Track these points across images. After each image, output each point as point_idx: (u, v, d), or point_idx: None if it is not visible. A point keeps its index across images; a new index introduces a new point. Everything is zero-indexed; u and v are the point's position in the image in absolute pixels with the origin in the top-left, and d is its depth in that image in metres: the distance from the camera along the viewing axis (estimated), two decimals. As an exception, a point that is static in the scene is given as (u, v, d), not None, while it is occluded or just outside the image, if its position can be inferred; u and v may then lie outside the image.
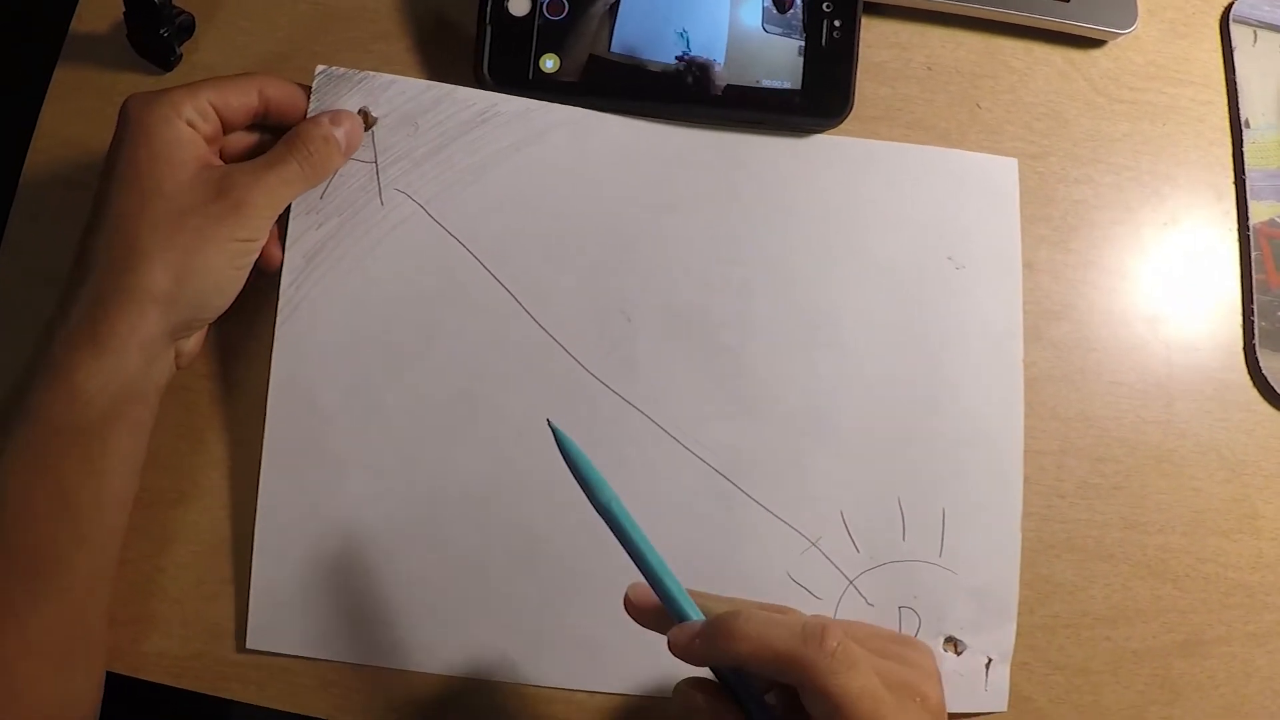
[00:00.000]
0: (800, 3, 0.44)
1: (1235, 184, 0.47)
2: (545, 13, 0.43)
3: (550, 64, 0.43)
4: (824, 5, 0.43)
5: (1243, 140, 0.47)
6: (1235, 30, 0.48)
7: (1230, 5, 0.49)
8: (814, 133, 0.44)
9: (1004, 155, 0.45)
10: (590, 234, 0.42)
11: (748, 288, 0.43)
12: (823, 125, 0.44)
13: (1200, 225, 0.47)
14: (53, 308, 0.35)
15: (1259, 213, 0.47)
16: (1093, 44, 0.48)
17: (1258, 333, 0.45)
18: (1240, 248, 0.47)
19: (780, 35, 0.43)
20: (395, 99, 0.42)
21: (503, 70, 0.43)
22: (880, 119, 0.46)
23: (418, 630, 0.39)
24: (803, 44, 0.43)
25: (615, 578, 0.40)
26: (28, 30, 0.48)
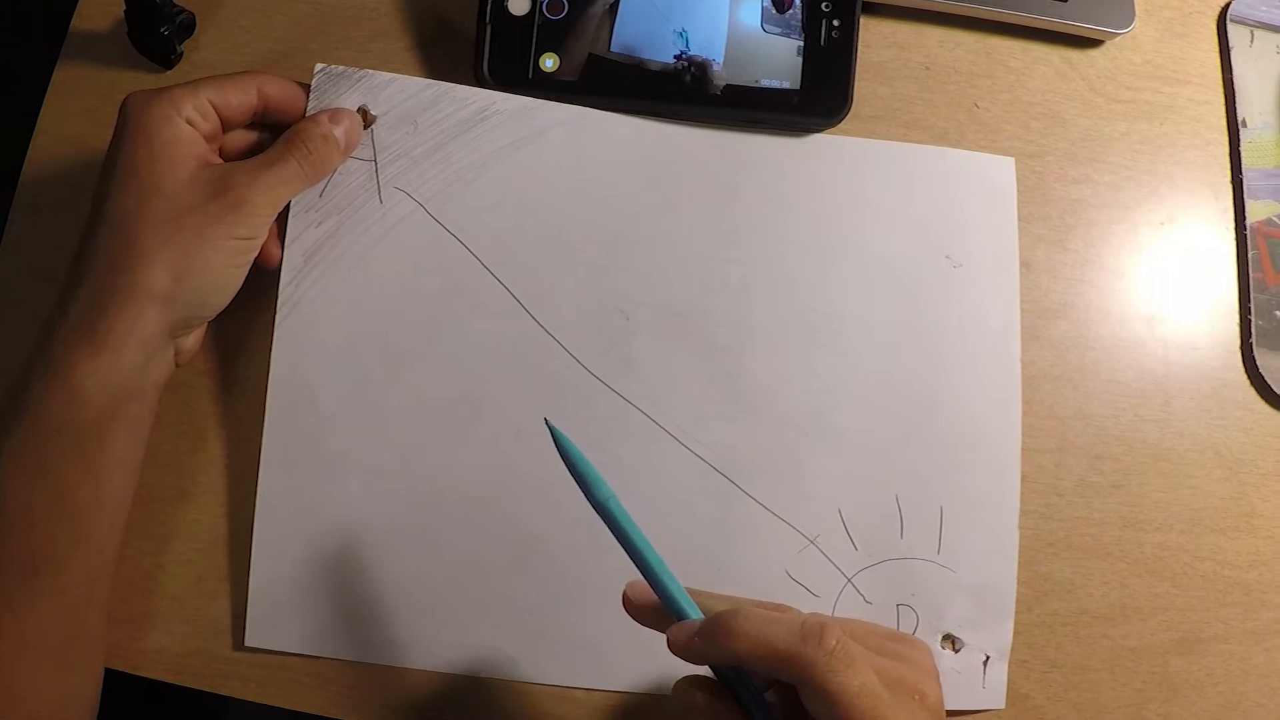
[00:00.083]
0: (799, 3, 0.44)
1: (1232, 183, 0.47)
2: (545, 12, 0.43)
3: (550, 63, 0.43)
4: (823, 5, 0.44)
5: (1240, 140, 0.47)
6: (1232, 30, 0.48)
7: (1227, 5, 0.49)
8: (813, 132, 0.44)
9: (1002, 154, 0.45)
10: (589, 232, 0.43)
11: (746, 286, 0.43)
12: (821, 125, 0.44)
13: (1197, 224, 0.47)
14: (51, 306, 0.35)
15: (1256, 212, 0.47)
16: (1090, 44, 0.48)
17: (1255, 331, 0.45)
18: (1237, 247, 0.47)
19: (779, 35, 0.44)
20: (394, 97, 0.42)
21: (502, 69, 0.43)
22: (878, 118, 0.46)
23: (416, 628, 0.39)
24: (801, 44, 0.44)
25: (614, 576, 0.40)
26: (28, 28, 0.48)
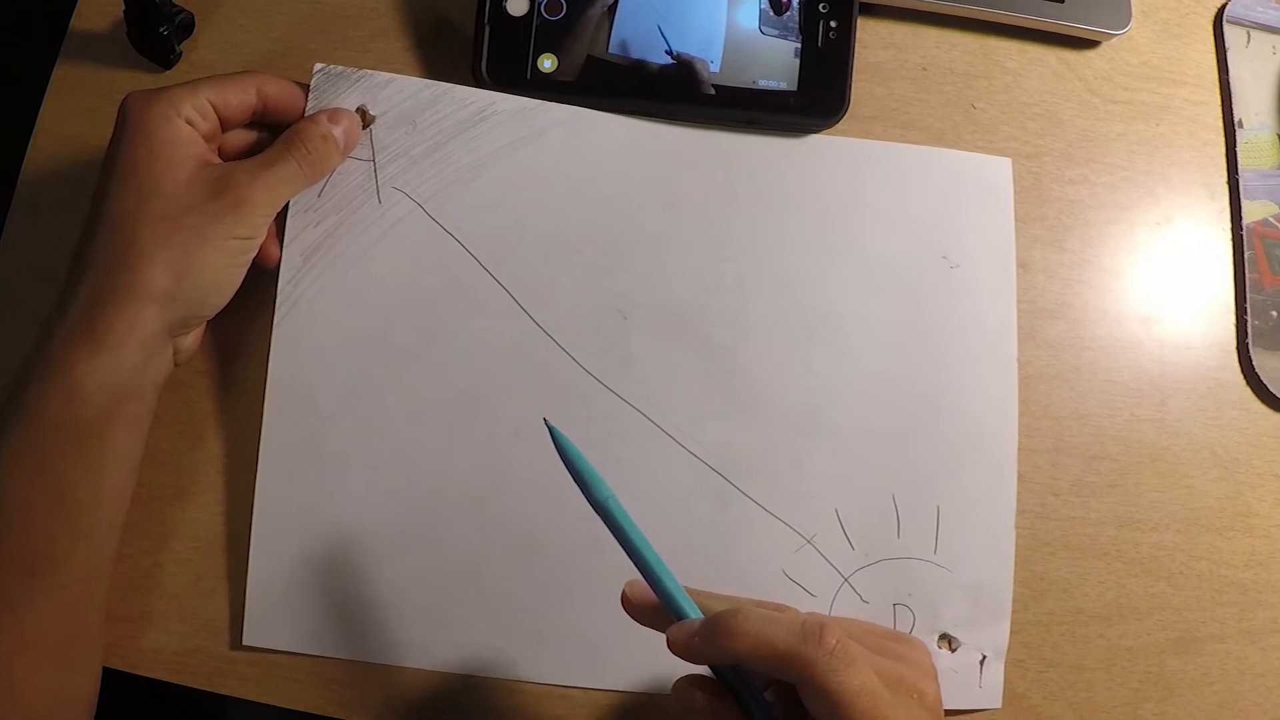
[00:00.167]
0: (796, 4, 0.44)
1: (1229, 184, 0.47)
2: (543, 13, 0.43)
3: (548, 64, 0.43)
4: (820, 6, 0.44)
5: (1236, 140, 0.47)
6: (1229, 31, 0.49)
7: (1224, 6, 0.49)
8: (810, 133, 0.44)
9: (999, 155, 0.45)
10: (587, 232, 0.43)
11: (744, 286, 0.43)
12: (819, 125, 0.44)
13: (1194, 225, 0.47)
14: (51, 305, 0.35)
15: (1252, 212, 0.47)
16: (1087, 44, 0.48)
17: (1251, 331, 0.45)
18: (1233, 247, 0.47)
19: (777, 37, 0.44)
20: (393, 97, 0.42)
21: (501, 70, 0.43)
22: (876, 119, 0.46)
23: (414, 627, 0.40)
24: (799, 45, 0.44)
25: (612, 576, 0.40)
26: (28, 28, 0.48)
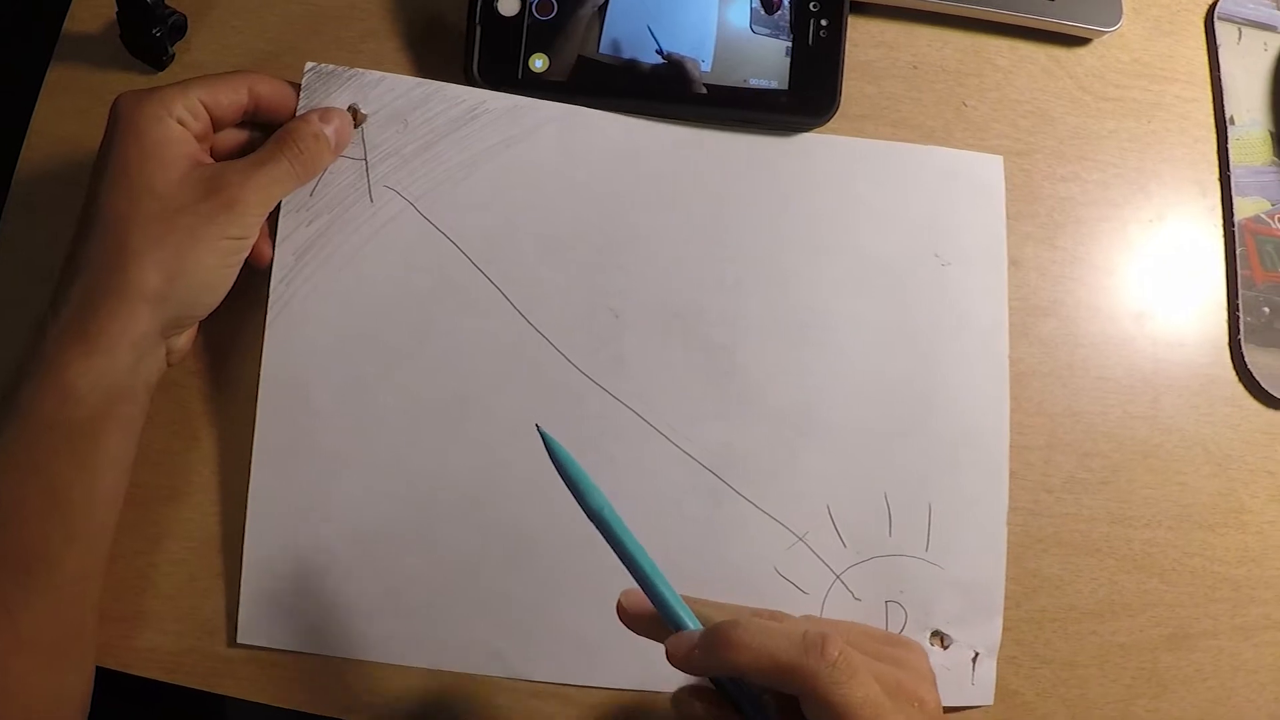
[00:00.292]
0: (787, 3, 0.44)
1: (1220, 180, 0.47)
2: (535, 13, 0.43)
3: (539, 64, 0.43)
4: (810, 5, 0.44)
5: (1227, 137, 0.47)
6: (1220, 27, 0.49)
7: (1215, 3, 0.49)
8: (801, 131, 0.45)
9: (990, 153, 0.46)
10: (580, 231, 0.43)
11: (736, 284, 0.43)
12: (810, 124, 0.44)
13: (1186, 221, 0.47)
14: (45, 305, 0.35)
15: (1244, 209, 0.47)
16: (1078, 42, 0.48)
17: (1243, 328, 0.46)
18: (1225, 244, 0.47)
19: (768, 36, 0.44)
20: (385, 96, 0.42)
21: (492, 70, 0.43)
22: (867, 117, 0.46)
23: (409, 626, 0.40)
24: (790, 44, 0.44)
25: (606, 575, 0.40)
26: (21, 29, 0.48)
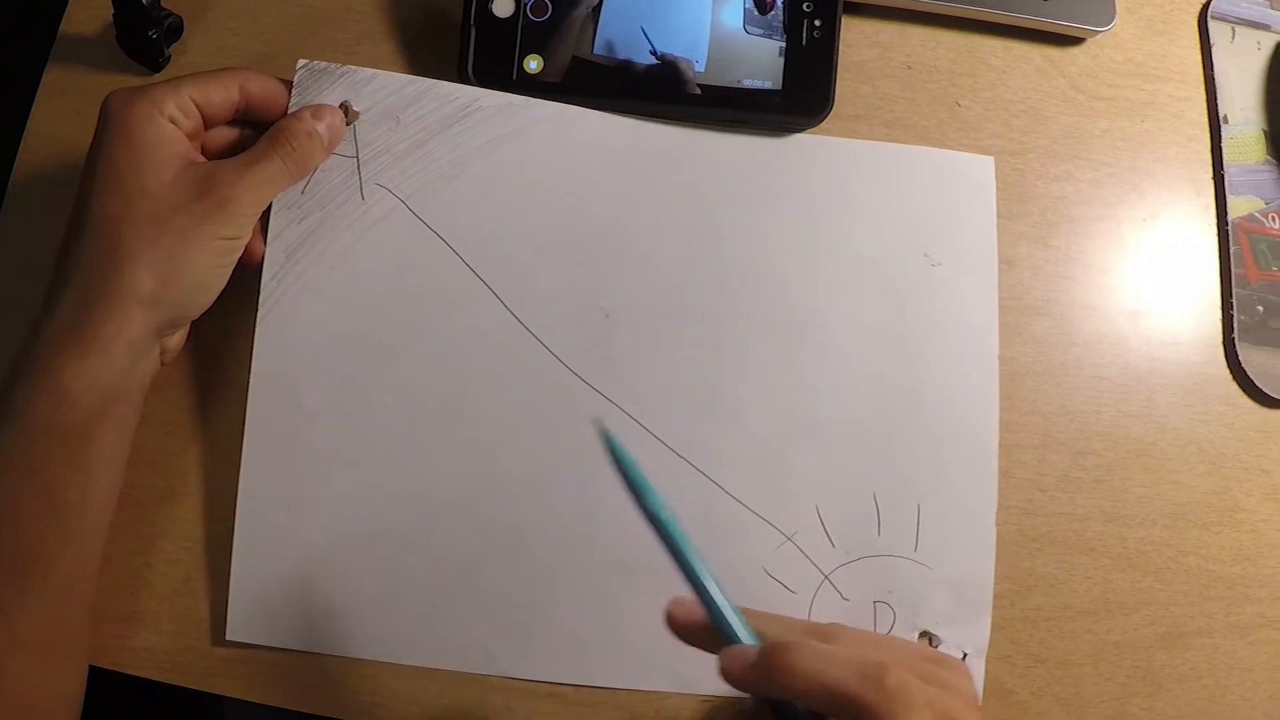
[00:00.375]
0: (781, 4, 0.44)
1: (1214, 179, 0.48)
2: (529, 14, 0.43)
3: (534, 65, 0.43)
4: (804, 6, 0.44)
5: (1221, 136, 0.47)
6: (1213, 26, 0.49)
7: (1208, 2, 0.49)
8: (795, 131, 0.45)
9: (983, 152, 0.46)
10: (571, 230, 0.43)
11: (727, 284, 0.43)
12: (803, 124, 0.44)
13: (1179, 220, 0.47)
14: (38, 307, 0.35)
15: (1237, 208, 0.47)
16: (1071, 41, 0.48)
17: (1237, 327, 0.46)
18: (1219, 243, 0.47)
19: (761, 36, 0.44)
20: (377, 93, 0.42)
21: (487, 71, 0.43)
22: (860, 117, 0.46)
23: (402, 624, 0.40)
24: (783, 45, 0.44)
25: (603, 574, 0.41)
26: (17, 31, 0.48)
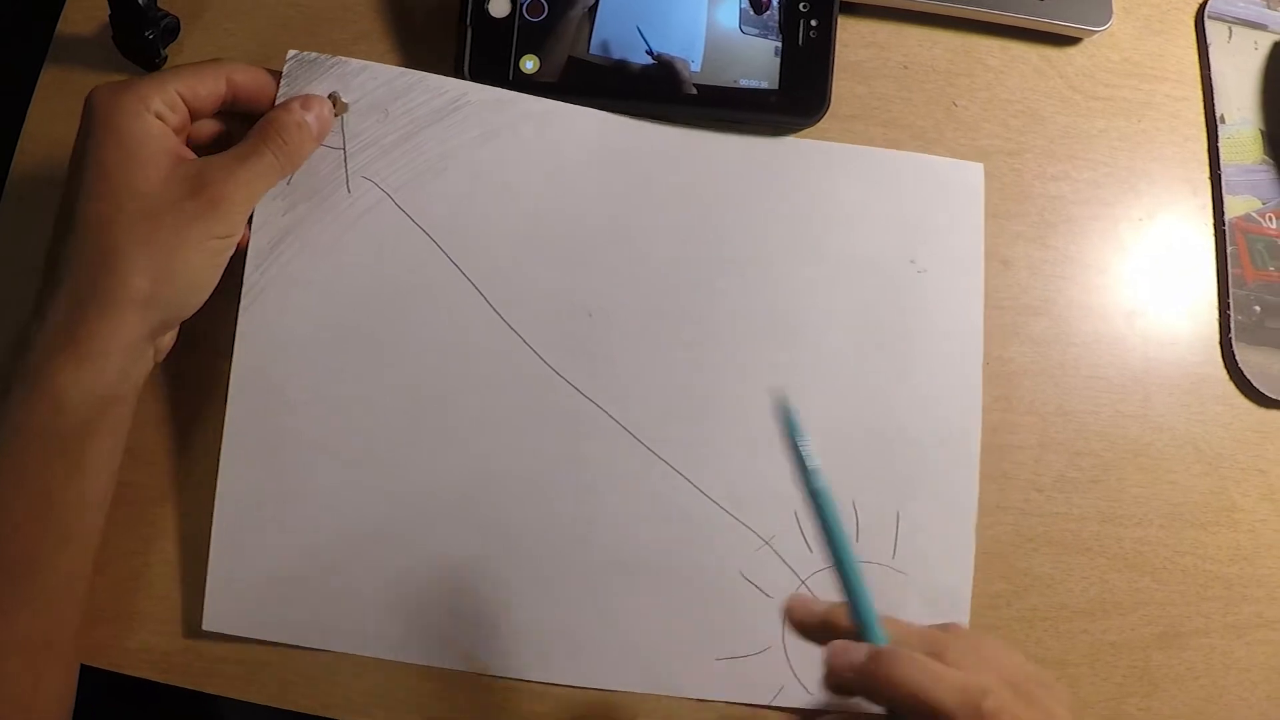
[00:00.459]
0: (776, 4, 0.44)
1: (1211, 179, 0.47)
2: (525, 14, 0.43)
3: (530, 65, 0.43)
4: (800, 6, 0.44)
5: (1218, 136, 0.47)
6: (1210, 26, 0.49)
7: (1205, 2, 0.49)
8: (791, 132, 0.45)
9: (980, 152, 0.46)
10: (558, 227, 0.42)
11: (713, 286, 0.43)
12: (800, 124, 0.44)
13: (1176, 220, 0.47)
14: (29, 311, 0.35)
15: (1234, 207, 0.47)
16: (1068, 41, 0.48)
17: (1234, 326, 0.46)
18: (1216, 242, 0.47)
19: (757, 36, 0.44)
20: (367, 84, 0.41)
21: (483, 71, 0.43)
22: (857, 117, 0.46)
23: (389, 621, 0.39)
24: (779, 44, 0.44)
25: (596, 573, 0.40)
26: (13, 32, 0.48)
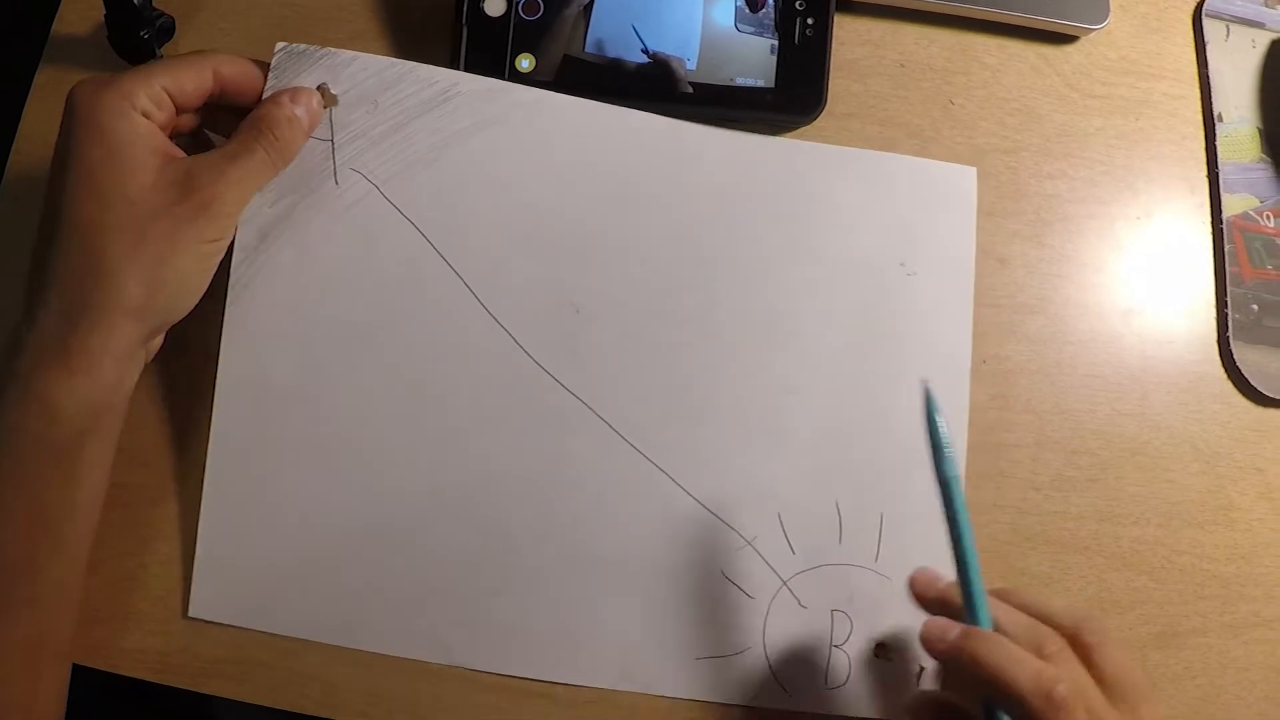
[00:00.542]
0: (772, 2, 0.44)
1: (1208, 177, 0.47)
2: (521, 13, 0.43)
3: (526, 64, 0.43)
4: (796, 3, 0.44)
5: (1215, 134, 0.47)
6: (1208, 24, 0.48)
7: (1202, 0, 0.49)
8: (787, 130, 0.44)
9: (977, 149, 0.46)
10: (547, 221, 0.42)
11: (702, 285, 0.42)
12: (796, 122, 0.44)
13: (1174, 219, 0.47)
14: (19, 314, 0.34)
15: (1232, 206, 0.47)
16: (1065, 39, 0.48)
17: (1231, 325, 0.45)
18: (1214, 241, 0.47)
19: (753, 34, 0.44)
20: (356, 75, 0.41)
21: (479, 70, 0.43)
22: (853, 116, 0.46)
23: (378, 613, 0.39)
24: (775, 43, 0.44)
25: (590, 570, 0.40)
26: (9, 32, 0.48)
